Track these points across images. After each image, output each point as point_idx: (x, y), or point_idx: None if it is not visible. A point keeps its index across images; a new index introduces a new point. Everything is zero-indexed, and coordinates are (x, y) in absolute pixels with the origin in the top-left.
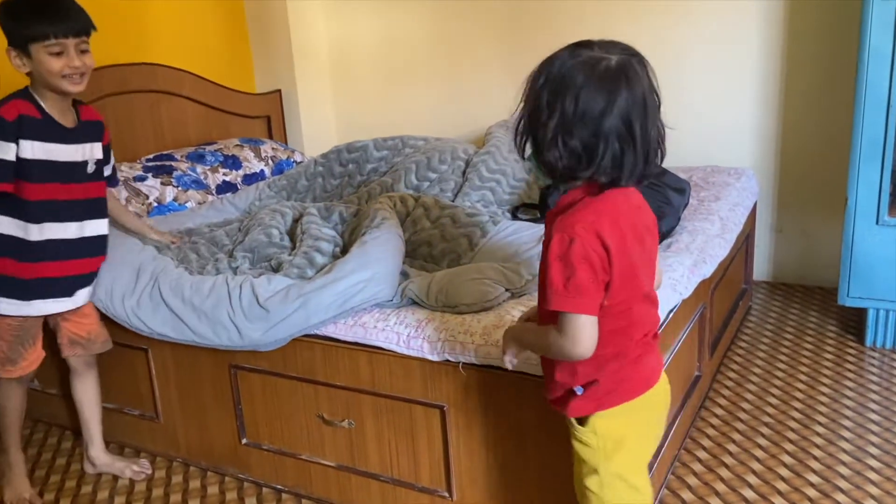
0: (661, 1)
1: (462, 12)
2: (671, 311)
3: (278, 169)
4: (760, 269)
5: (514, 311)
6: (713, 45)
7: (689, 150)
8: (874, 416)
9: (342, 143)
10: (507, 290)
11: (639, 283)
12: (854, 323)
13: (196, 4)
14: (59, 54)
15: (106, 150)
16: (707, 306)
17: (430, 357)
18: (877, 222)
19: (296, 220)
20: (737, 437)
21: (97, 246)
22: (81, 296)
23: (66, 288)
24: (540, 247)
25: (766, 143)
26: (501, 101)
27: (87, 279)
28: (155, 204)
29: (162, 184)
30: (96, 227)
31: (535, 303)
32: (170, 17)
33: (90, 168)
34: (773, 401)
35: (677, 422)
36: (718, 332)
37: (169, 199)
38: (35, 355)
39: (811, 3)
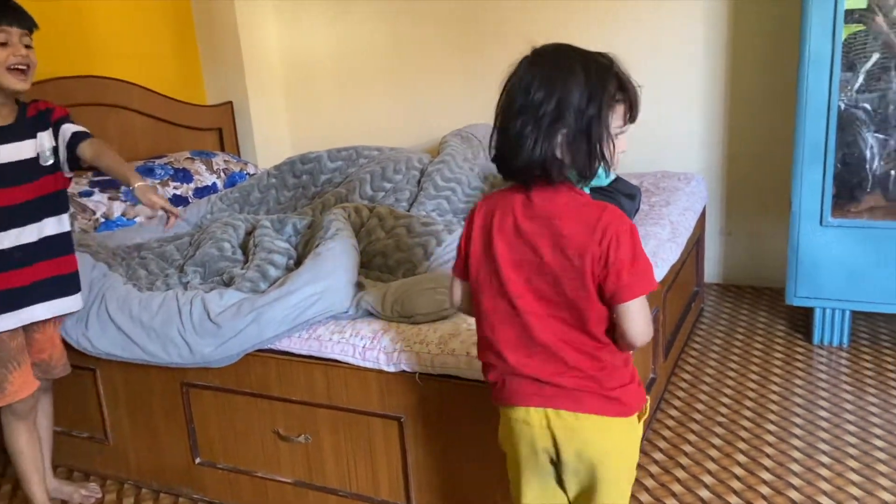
0: (610, 12)
1: (416, 21)
2: None
3: (231, 181)
4: (711, 271)
5: (471, 320)
6: (660, 55)
7: (641, 157)
8: (823, 413)
9: (296, 154)
10: None
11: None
12: (802, 322)
13: (142, 16)
14: (3, 45)
15: (57, 125)
16: (660, 309)
17: (386, 368)
18: (821, 223)
19: (248, 233)
20: (692, 437)
21: (62, 245)
22: (60, 304)
23: (39, 294)
24: None
25: (714, 149)
26: (456, 110)
27: (58, 282)
28: (102, 220)
29: (109, 199)
30: (57, 224)
31: None
32: (115, 29)
33: (45, 160)
34: (726, 400)
35: None
36: (672, 334)
37: (116, 214)
38: (22, 380)
39: (753, 12)
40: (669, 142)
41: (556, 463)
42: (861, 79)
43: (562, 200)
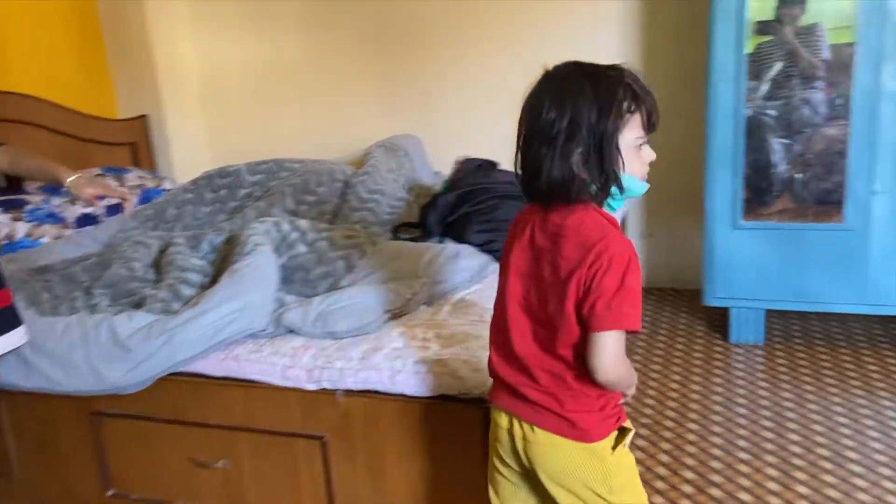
0: (528, 22)
1: (339, 32)
2: None
3: (146, 198)
4: None
5: (394, 333)
6: None
7: None
8: (741, 411)
9: (215, 168)
10: (387, 311)
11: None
12: (720, 322)
13: (46, 28)
14: None
15: None
16: None
17: (307, 387)
18: (733, 226)
19: (161, 252)
20: None
21: None
22: None
23: None
24: (421, 265)
25: None
26: (380, 121)
27: None
28: (5, 241)
29: (13, 219)
30: None
31: (414, 324)
32: (18, 41)
33: None
34: (650, 402)
35: None
36: None
37: (20, 235)
38: None
39: (664, 23)
40: None
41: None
42: (766, 87)
43: (573, 220)
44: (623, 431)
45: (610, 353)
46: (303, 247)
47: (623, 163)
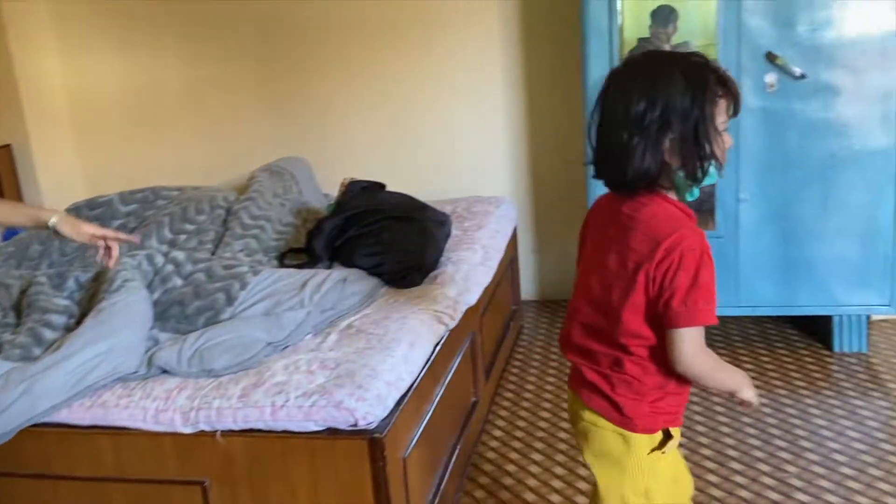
0: (416, 45)
1: (219, 51)
2: (438, 342)
3: (9, 235)
4: (528, 289)
5: (277, 366)
6: (467, 87)
7: (455, 183)
8: None
9: (84, 199)
10: (269, 344)
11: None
12: None
13: None
14: None
15: None
16: (477, 332)
17: (183, 430)
18: None
19: (23, 292)
20: (514, 455)
21: None
22: None
23: None
24: (305, 293)
25: (520, 172)
26: (267, 144)
27: None
28: None
29: None
30: None
31: (298, 355)
32: None
33: None
34: (546, 415)
35: (457, 451)
36: (492, 355)
37: None
38: None
39: (543, 41)
40: (481, 169)
41: None
42: None
43: (646, 211)
44: (668, 437)
45: (688, 348)
46: (178, 280)
47: (714, 143)
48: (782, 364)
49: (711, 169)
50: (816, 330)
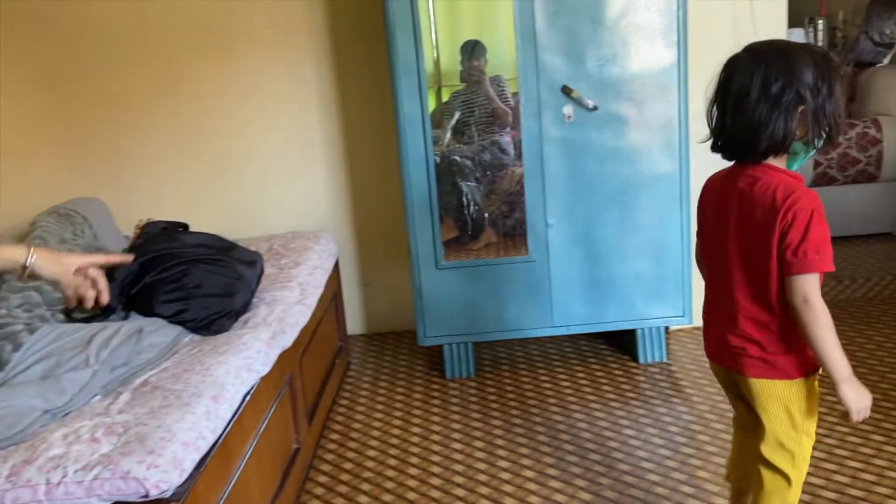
0: (226, 78)
1: (3, 77)
2: (248, 392)
3: None
4: (355, 323)
5: (54, 437)
6: (281, 119)
7: (271, 219)
8: (457, 446)
9: None
10: (46, 412)
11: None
12: (437, 360)
13: None
14: None
15: None
16: (296, 375)
17: None
18: (437, 267)
19: None
20: (340, 501)
21: None
22: None
23: None
24: (92, 349)
25: (342, 205)
26: (52, 184)
27: None
28: None
29: None
30: None
31: (81, 422)
32: None
33: None
34: (372, 453)
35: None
36: (316, 396)
37: None
38: None
39: (356, 74)
40: (299, 203)
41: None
42: (449, 134)
43: (762, 184)
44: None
45: (799, 292)
46: None
47: (833, 118)
48: (595, 378)
49: (814, 149)
50: (624, 343)
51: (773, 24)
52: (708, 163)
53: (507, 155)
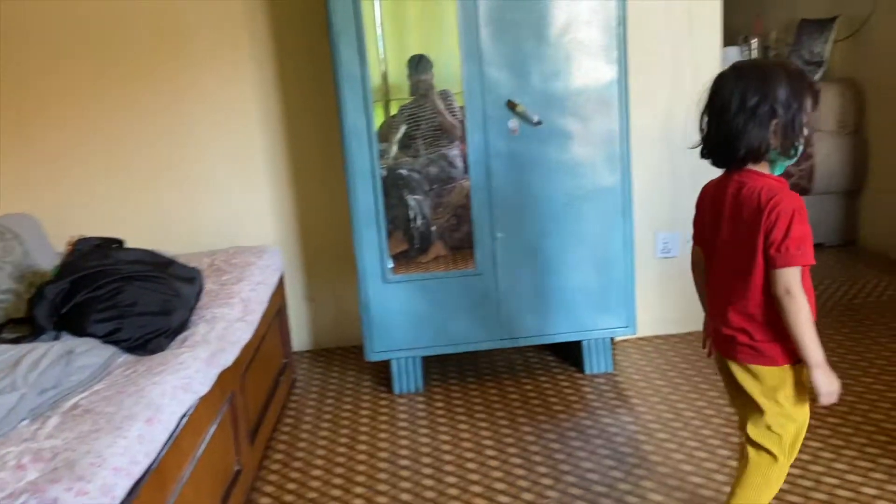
0: (162, 89)
1: None
2: (185, 413)
3: None
4: (301, 339)
5: None
6: (226, 133)
7: (213, 233)
8: (404, 462)
9: None
10: None
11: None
12: (385, 375)
13: None
14: None
15: None
16: (238, 394)
17: None
18: (384, 280)
19: None
20: None
21: None
22: None
23: None
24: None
25: (287, 219)
26: None
27: None
28: None
29: None
30: None
31: (7, 448)
32: None
33: None
34: (317, 472)
35: None
36: (259, 415)
37: None
38: None
39: (300, 86)
40: (242, 217)
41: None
42: (395, 148)
43: (749, 188)
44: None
45: (782, 284)
46: None
47: (803, 132)
48: (543, 390)
49: (793, 158)
50: (571, 355)
51: (709, 43)
52: (649, 175)
53: (456, 168)
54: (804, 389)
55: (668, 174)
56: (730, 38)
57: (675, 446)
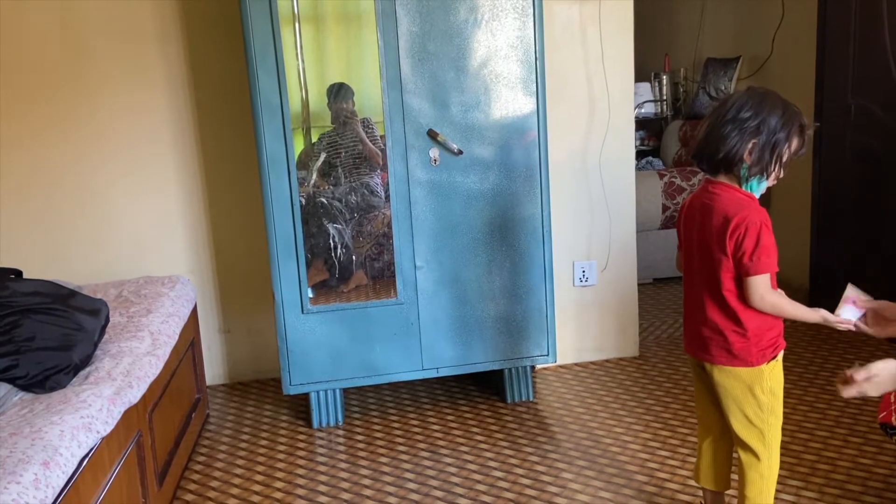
0: (69, 112)
1: None
2: (87, 455)
3: None
4: (215, 373)
5: None
6: (137, 160)
7: (122, 263)
8: (323, 499)
9: None
10: None
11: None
12: (304, 408)
13: None
14: None
15: None
16: (145, 433)
17: None
18: (302, 312)
19: None
20: None
21: None
22: None
23: None
24: None
25: (201, 250)
26: None
27: None
28: None
29: None
30: None
31: None
32: None
33: None
34: (233, 502)
35: None
36: (169, 454)
37: None
38: None
39: (217, 112)
40: (153, 247)
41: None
42: (314, 176)
43: (721, 200)
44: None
45: (756, 290)
46: None
47: (778, 163)
48: (465, 420)
49: (763, 182)
50: (493, 383)
51: (622, 78)
52: (567, 205)
53: (378, 196)
54: (779, 384)
55: (586, 204)
56: (641, 75)
57: (595, 474)
